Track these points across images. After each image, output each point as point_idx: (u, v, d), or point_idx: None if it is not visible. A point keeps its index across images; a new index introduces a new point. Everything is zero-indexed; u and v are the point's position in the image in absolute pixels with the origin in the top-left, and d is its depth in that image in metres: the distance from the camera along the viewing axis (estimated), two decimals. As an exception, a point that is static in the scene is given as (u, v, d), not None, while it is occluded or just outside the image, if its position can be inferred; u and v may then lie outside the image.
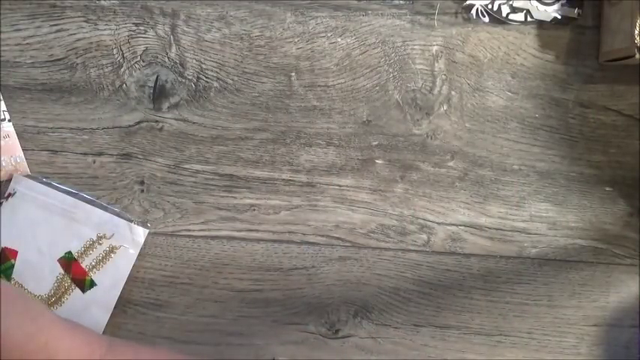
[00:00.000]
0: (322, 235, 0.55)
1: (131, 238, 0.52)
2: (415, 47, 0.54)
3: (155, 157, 0.53)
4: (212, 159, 0.54)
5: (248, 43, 0.53)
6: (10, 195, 0.51)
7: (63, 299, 0.51)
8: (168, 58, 0.53)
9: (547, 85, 0.55)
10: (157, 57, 0.53)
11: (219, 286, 0.54)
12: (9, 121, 0.51)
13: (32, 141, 0.52)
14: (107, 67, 0.52)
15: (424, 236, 0.55)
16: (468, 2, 0.53)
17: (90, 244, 0.51)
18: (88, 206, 0.52)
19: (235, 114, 0.53)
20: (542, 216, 0.55)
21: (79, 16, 0.52)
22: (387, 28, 0.53)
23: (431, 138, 0.54)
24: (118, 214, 0.52)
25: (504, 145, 0.55)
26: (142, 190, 0.53)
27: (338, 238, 0.55)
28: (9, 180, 0.51)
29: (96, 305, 0.51)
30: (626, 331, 0.56)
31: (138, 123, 0.53)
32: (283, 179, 0.54)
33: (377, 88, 0.54)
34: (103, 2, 0.52)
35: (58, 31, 0.52)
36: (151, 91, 0.53)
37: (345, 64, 0.53)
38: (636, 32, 0.49)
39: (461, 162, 0.55)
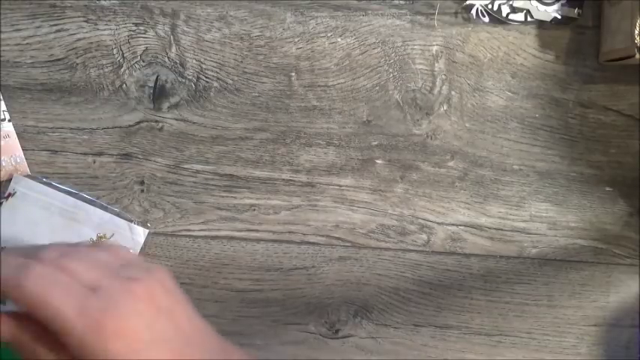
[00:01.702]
0: (322, 235, 0.55)
1: (131, 238, 0.52)
2: (415, 47, 0.54)
3: (155, 157, 0.53)
4: (212, 159, 0.54)
5: (248, 43, 0.53)
6: (10, 195, 0.51)
7: None
8: (168, 58, 0.53)
9: (547, 85, 0.55)
10: (157, 57, 0.53)
11: (219, 286, 0.54)
12: (9, 121, 0.51)
13: (32, 141, 0.52)
14: (107, 67, 0.52)
15: (424, 236, 0.55)
16: (468, 2, 0.53)
17: None
18: (89, 206, 0.52)
19: (235, 114, 0.53)
20: (542, 216, 0.55)
21: (79, 16, 0.52)
22: (387, 28, 0.53)
23: (431, 138, 0.54)
24: (118, 214, 0.52)
25: (504, 145, 0.55)
26: (142, 190, 0.53)
27: (338, 238, 0.55)
28: (9, 180, 0.51)
29: None
30: (626, 331, 0.56)
31: (138, 123, 0.53)
32: (283, 179, 0.54)
33: (377, 88, 0.54)
34: (103, 2, 0.52)
35: (58, 31, 0.52)
36: (151, 91, 0.53)
37: (345, 64, 0.53)
38: (636, 32, 0.49)
39: (461, 162, 0.55)
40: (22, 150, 0.52)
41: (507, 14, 0.53)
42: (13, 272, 0.33)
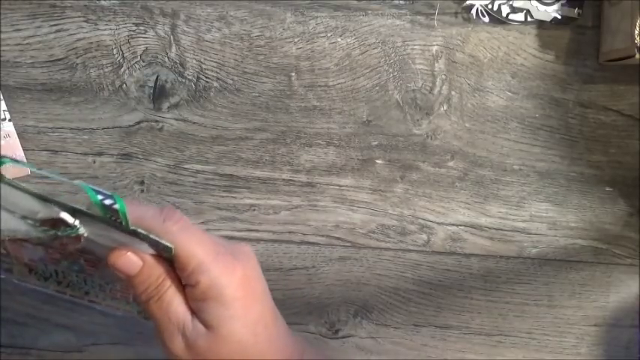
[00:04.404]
0: (322, 235, 0.55)
1: None
2: (415, 47, 0.54)
3: (155, 157, 0.53)
4: (212, 159, 0.54)
5: (248, 43, 0.53)
6: None
7: None
8: (168, 58, 0.53)
9: (547, 85, 0.55)
10: (157, 57, 0.53)
11: (219, 286, 0.54)
12: (9, 120, 0.51)
13: (32, 141, 0.52)
14: (107, 67, 0.52)
15: (424, 236, 0.55)
16: (468, 2, 0.53)
17: None
18: None
19: (235, 114, 0.53)
20: (542, 216, 0.55)
21: (79, 16, 0.52)
22: (387, 28, 0.53)
23: (431, 138, 0.54)
24: None
25: (504, 145, 0.55)
26: (142, 190, 0.53)
27: (338, 238, 0.55)
28: None
29: None
30: (626, 331, 0.56)
31: (138, 123, 0.53)
32: (283, 179, 0.54)
33: (377, 88, 0.54)
34: (103, 2, 0.52)
35: (58, 31, 0.52)
36: (151, 91, 0.53)
37: (345, 64, 0.54)
38: (636, 32, 0.49)
39: (461, 162, 0.55)
40: (23, 150, 0.52)
41: (507, 14, 0.53)
42: (158, 216, 0.37)
